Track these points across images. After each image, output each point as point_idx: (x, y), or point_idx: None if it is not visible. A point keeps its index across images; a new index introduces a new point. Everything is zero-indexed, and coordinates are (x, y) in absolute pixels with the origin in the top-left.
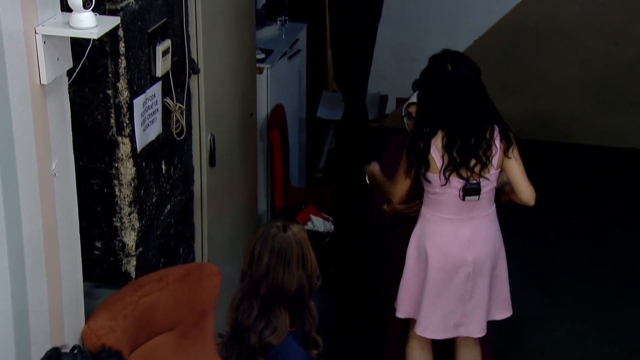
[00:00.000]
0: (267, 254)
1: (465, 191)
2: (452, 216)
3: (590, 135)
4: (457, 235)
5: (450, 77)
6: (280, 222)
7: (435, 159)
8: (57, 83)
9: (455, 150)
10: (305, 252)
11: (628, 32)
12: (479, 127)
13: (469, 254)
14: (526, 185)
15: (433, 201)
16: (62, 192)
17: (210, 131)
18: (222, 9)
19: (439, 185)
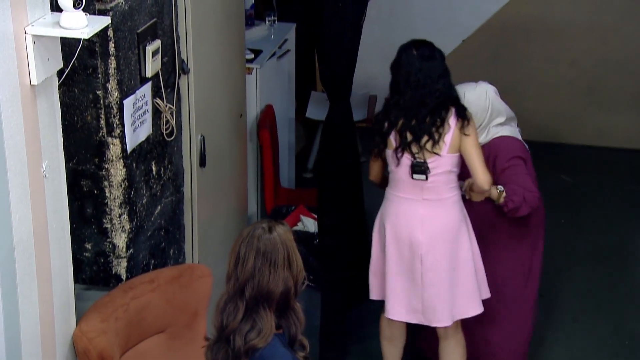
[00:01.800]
0: (253, 255)
1: (412, 168)
2: (408, 195)
3: (579, 135)
4: (411, 213)
5: (417, 65)
6: (265, 223)
7: (393, 140)
8: (47, 83)
9: (409, 128)
10: (291, 254)
11: (617, 33)
12: (436, 107)
13: (420, 234)
14: (482, 169)
15: (392, 180)
16: (52, 193)
17: (200, 132)
18: (212, 9)
19: (394, 165)
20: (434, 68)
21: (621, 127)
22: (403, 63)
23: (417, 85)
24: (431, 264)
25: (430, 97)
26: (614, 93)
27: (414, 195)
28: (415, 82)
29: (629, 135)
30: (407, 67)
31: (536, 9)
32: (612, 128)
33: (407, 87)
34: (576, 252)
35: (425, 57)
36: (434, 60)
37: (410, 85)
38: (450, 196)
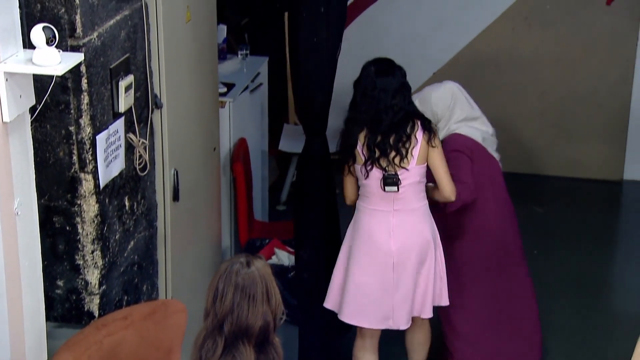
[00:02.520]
0: (232, 290)
1: (384, 181)
2: (379, 207)
3: (549, 166)
4: (382, 225)
5: (373, 81)
6: (243, 258)
7: (360, 153)
8: (19, 121)
9: (374, 144)
10: (270, 288)
11: (584, 65)
12: (399, 122)
13: (392, 244)
14: (447, 179)
15: (362, 193)
16: (24, 231)
17: (173, 166)
18: (184, 44)
19: (362, 178)
20: (390, 83)
21: (590, 158)
22: (362, 79)
23: (372, 100)
24: (401, 271)
25: (386, 113)
26: (582, 124)
27: (385, 207)
28: (371, 97)
29: (598, 166)
30: (365, 83)
31: (505, 43)
32: (581, 159)
33: (362, 103)
34: (549, 283)
35: (382, 72)
36: (390, 76)
37: (366, 101)
38: (420, 205)
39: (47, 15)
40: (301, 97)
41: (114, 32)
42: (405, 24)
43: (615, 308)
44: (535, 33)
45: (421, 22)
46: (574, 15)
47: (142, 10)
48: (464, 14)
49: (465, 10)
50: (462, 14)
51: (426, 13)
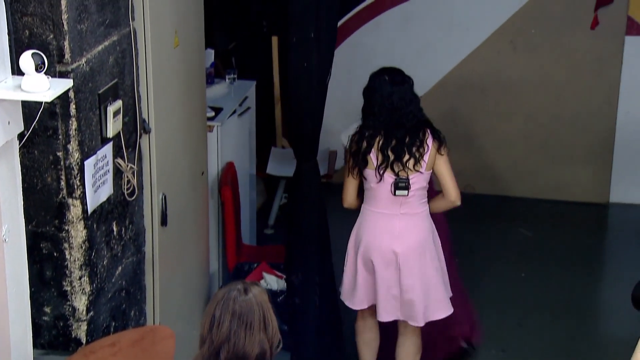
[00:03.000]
0: (228, 317)
1: (395, 185)
2: (385, 211)
3: (535, 188)
4: (388, 227)
5: (390, 89)
6: (240, 285)
7: (372, 158)
8: (7, 147)
9: (390, 148)
10: (267, 315)
11: (568, 89)
12: (413, 128)
13: (398, 246)
14: (453, 184)
15: (369, 197)
16: (12, 257)
17: (162, 191)
18: (173, 68)
19: (375, 182)
20: (406, 92)
21: (576, 181)
22: (376, 88)
23: (391, 107)
24: (407, 272)
25: (406, 118)
26: (568, 147)
27: (392, 210)
28: (390, 104)
29: (584, 188)
30: (381, 91)
31: (490, 66)
32: (567, 182)
33: (382, 110)
34: (537, 306)
35: (397, 82)
36: (405, 85)
37: (386, 108)
38: (423, 210)
39: (36, 41)
40: (292, 122)
41: (102, 58)
42: (392, 47)
43: (602, 331)
44: (520, 57)
45: (407, 46)
46: (558, 39)
47: (131, 36)
48: (450, 38)
49: (451, 34)
50: (448, 37)
51: (413, 37)
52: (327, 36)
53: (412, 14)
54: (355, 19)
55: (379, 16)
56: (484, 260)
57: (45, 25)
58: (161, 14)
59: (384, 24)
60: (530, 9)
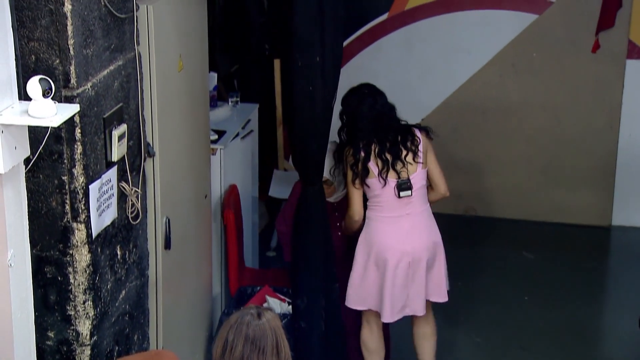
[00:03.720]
0: (242, 342)
1: (399, 187)
2: (392, 214)
3: (537, 211)
4: (397, 230)
5: (373, 99)
6: (254, 309)
7: (372, 166)
8: (14, 172)
9: (386, 151)
10: (280, 341)
11: (569, 111)
12: (400, 128)
13: (408, 245)
14: (442, 177)
15: (374, 204)
16: (17, 283)
17: (165, 214)
18: (177, 92)
19: (379, 188)
20: (386, 101)
21: (578, 204)
22: (359, 101)
23: (378, 114)
24: (419, 268)
25: (394, 120)
26: (570, 170)
27: (398, 212)
28: (376, 112)
29: (585, 211)
30: (365, 103)
31: (492, 89)
32: (569, 205)
33: (369, 119)
34: (540, 330)
35: (376, 92)
36: (383, 95)
37: (372, 117)
38: (426, 207)
39: (42, 66)
40: (297, 146)
41: (107, 82)
42: (394, 70)
43: (606, 354)
44: (522, 80)
45: (410, 68)
46: (560, 63)
47: (136, 60)
48: (452, 61)
49: (453, 57)
50: (450, 61)
51: (415, 60)
52: (332, 60)
53: (413, 37)
54: (357, 42)
55: (381, 39)
56: (486, 284)
57: (51, 50)
58: (166, 38)
59: (386, 47)
60: (531, 32)
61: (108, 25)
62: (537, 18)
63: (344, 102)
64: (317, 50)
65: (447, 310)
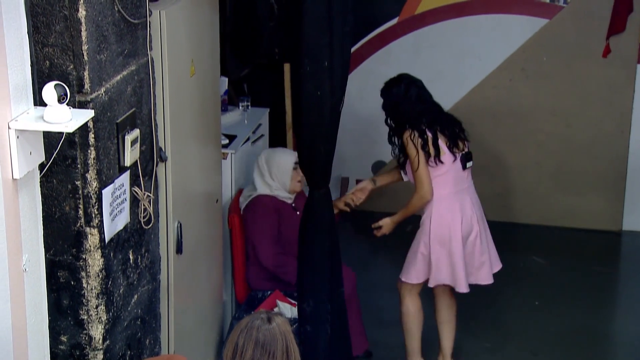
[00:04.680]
0: (252, 346)
1: (466, 157)
2: (458, 187)
3: (547, 216)
4: (464, 202)
5: (418, 86)
6: (264, 314)
7: (441, 144)
8: (29, 177)
9: (446, 128)
10: (290, 345)
11: (580, 116)
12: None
13: (474, 214)
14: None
15: (441, 182)
16: (32, 287)
17: (177, 219)
18: (189, 98)
19: (450, 162)
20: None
21: (588, 209)
22: (405, 88)
23: (428, 99)
24: (484, 236)
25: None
26: (580, 175)
27: (461, 186)
28: (425, 96)
29: (596, 216)
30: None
31: (502, 94)
32: (579, 209)
33: (421, 102)
34: (551, 335)
35: (416, 80)
36: (421, 82)
37: (422, 101)
38: (471, 180)
39: (56, 71)
40: (304, 150)
41: (120, 87)
42: None
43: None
44: (532, 84)
45: (419, 73)
46: (570, 67)
47: (149, 65)
48: (461, 65)
49: (463, 62)
50: (460, 65)
51: (424, 65)
52: (341, 65)
53: (423, 41)
54: (367, 46)
55: (390, 44)
56: (496, 289)
57: (65, 55)
58: (178, 43)
59: (395, 51)
60: (542, 37)
61: (121, 31)
62: (548, 22)
63: (387, 93)
64: (326, 55)
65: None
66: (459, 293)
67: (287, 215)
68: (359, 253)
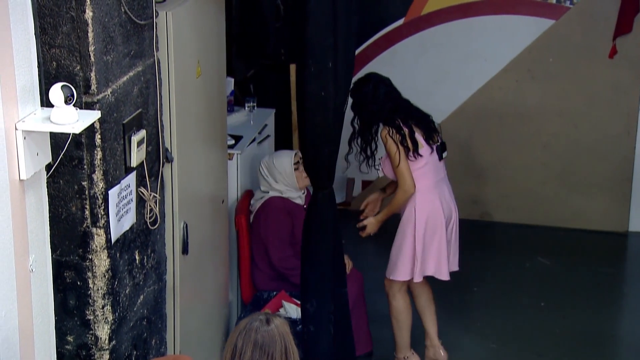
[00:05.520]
0: (250, 348)
1: (442, 147)
2: (435, 178)
3: (553, 217)
4: (443, 191)
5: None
6: (263, 315)
7: (418, 137)
8: (36, 178)
9: (419, 121)
10: (289, 347)
11: (587, 117)
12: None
13: (452, 202)
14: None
15: (421, 174)
16: (38, 287)
17: (183, 219)
18: (195, 98)
19: (428, 155)
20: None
21: (594, 210)
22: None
23: (396, 95)
24: (455, 226)
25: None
26: (586, 176)
27: (440, 175)
28: (396, 93)
29: (602, 217)
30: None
31: (508, 95)
32: (585, 210)
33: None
34: (556, 336)
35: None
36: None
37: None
38: (445, 170)
39: (63, 72)
40: (308, 151)
41: (127, 88)
42: (409, 76)
43: None
44: (538, 85)
45: (424, 74)
46: (576, 68)
47: (155, 66)
48: (467, 66)
49: (469, 63)
50: (466, 66)
51: (429, 66)
52: (345, 66)
53: (428, 42)
54: (373, 47)
55: (396, 45)
56: (501, 289)
57: (72, 56)
58: (184, 44)
59: (401, 52)
60: (548, 37)
61: (128, 32)
62: (554, 23)
63: (357, 92)
64: (330, 55)
65: (462, 316)
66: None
67: (299, 216)
68: (365, 254)
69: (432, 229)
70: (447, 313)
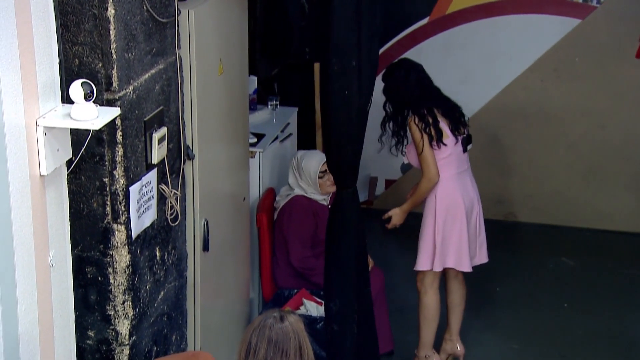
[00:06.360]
0: (264, 345)
1: (468, 139)
2: (458, 170)
3: (578, 218)
4: (465, 183)
5: (419, 70)
6: (277, 312)
7: (443, 127)
8: (56, 174)
9: (450, 112)
10: (303, 344)
11: (614, 117)
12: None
13: (474, 195)
14: None
15: (445, 164)
16: (58, 282)
17: (204, 216)
18: (217, 96)
19: (453, 145)
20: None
21: (619, 210)
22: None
23: (427, 83)
24: (481, 216)
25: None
26: (611, 176)
27: (462, 168)
28: (428, 81)
29: (627, 218)
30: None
31: (534, 94)
32: (610, 211)
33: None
34: (580, 338)
35: (416, 64)
36: (422, 66)
37: (423, 84)
38: (469, 162)
39: (85, 69)
40: (332, 150)
41: (148, 86)
42: (434, 74)
43: None
44: (564, 85)
45: (450, 73)
46: (603, 68)
47: (177, 64)
48: (492, 66)
49: (494, 62)
50: (491, 65)
51: (454, 65)
52: (369, 65)
53: (453, 41)
54: (398, 46)
55: (421, 44)
56: (525, 289)
57: (94, 54)
58: (206, 42)
59: (426, 52)
60: (574, 37)
61: (150, 30)
62: (580, 23)
63: (389, 76)
64: (354, 54)
65: (485, 316)
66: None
67: (323, 217)
68: (387, 252)
69: (452, 219)
70: (469, 311)
